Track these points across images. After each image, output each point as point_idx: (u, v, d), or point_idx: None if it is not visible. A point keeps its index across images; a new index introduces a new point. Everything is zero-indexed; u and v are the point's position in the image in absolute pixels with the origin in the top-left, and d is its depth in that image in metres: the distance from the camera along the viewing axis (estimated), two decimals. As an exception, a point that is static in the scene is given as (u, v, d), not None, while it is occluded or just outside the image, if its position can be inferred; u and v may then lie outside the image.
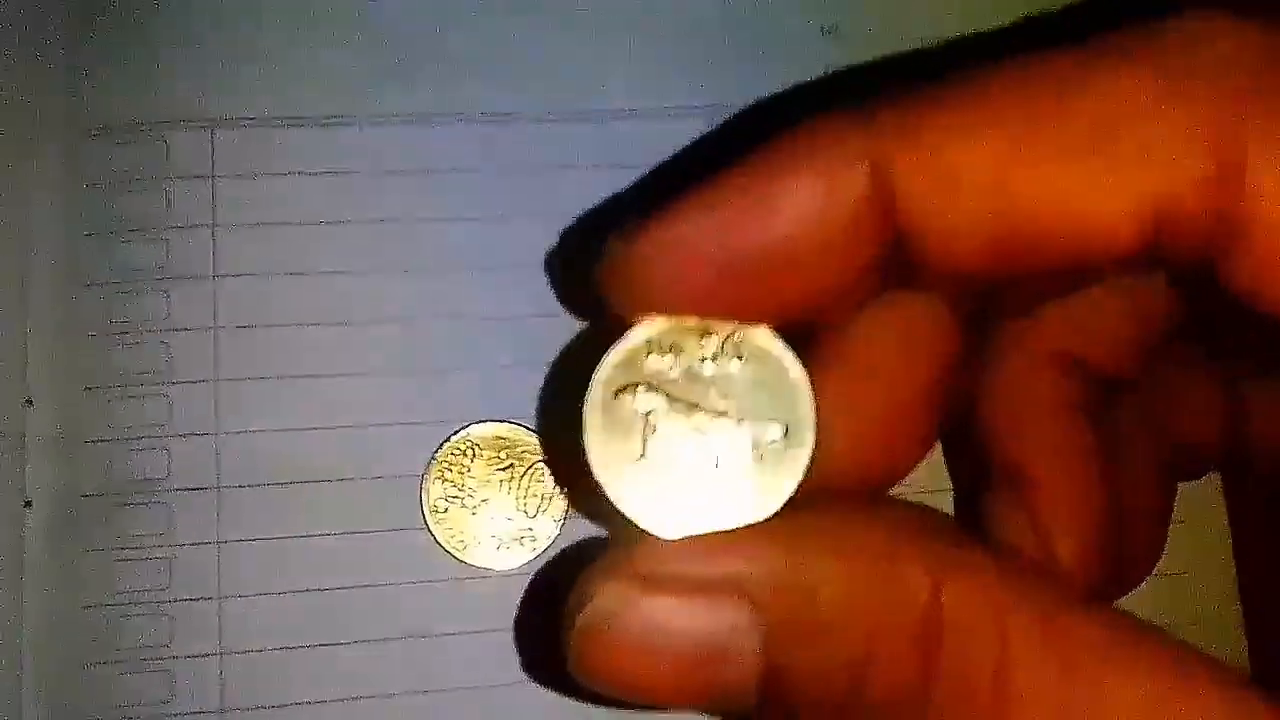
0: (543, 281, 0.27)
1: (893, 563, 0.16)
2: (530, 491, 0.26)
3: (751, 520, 0.17)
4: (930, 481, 0.25)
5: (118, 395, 0.25)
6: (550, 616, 0.25)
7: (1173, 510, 0.23)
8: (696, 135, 0.28)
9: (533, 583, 0.26)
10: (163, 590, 0.25)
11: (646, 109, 0.28)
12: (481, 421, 0.26)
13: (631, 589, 0.16)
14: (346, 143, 0.27)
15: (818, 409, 0.17)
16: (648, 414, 0.17)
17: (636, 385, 0.17)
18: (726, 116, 0.28)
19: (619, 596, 0.16)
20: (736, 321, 0.17)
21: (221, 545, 0.25)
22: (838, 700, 0.16)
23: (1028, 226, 0.16)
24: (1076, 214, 0.16)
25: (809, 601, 0.16)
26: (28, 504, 0.25)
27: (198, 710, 0.24)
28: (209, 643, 0.25)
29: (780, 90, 0.28)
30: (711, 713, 0.17)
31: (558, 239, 0.27)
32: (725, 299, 0.17)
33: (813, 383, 0.17)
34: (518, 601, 0.26)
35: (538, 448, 0.26)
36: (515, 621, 0.25)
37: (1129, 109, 0.15)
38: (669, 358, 0.17)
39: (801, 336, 0.18)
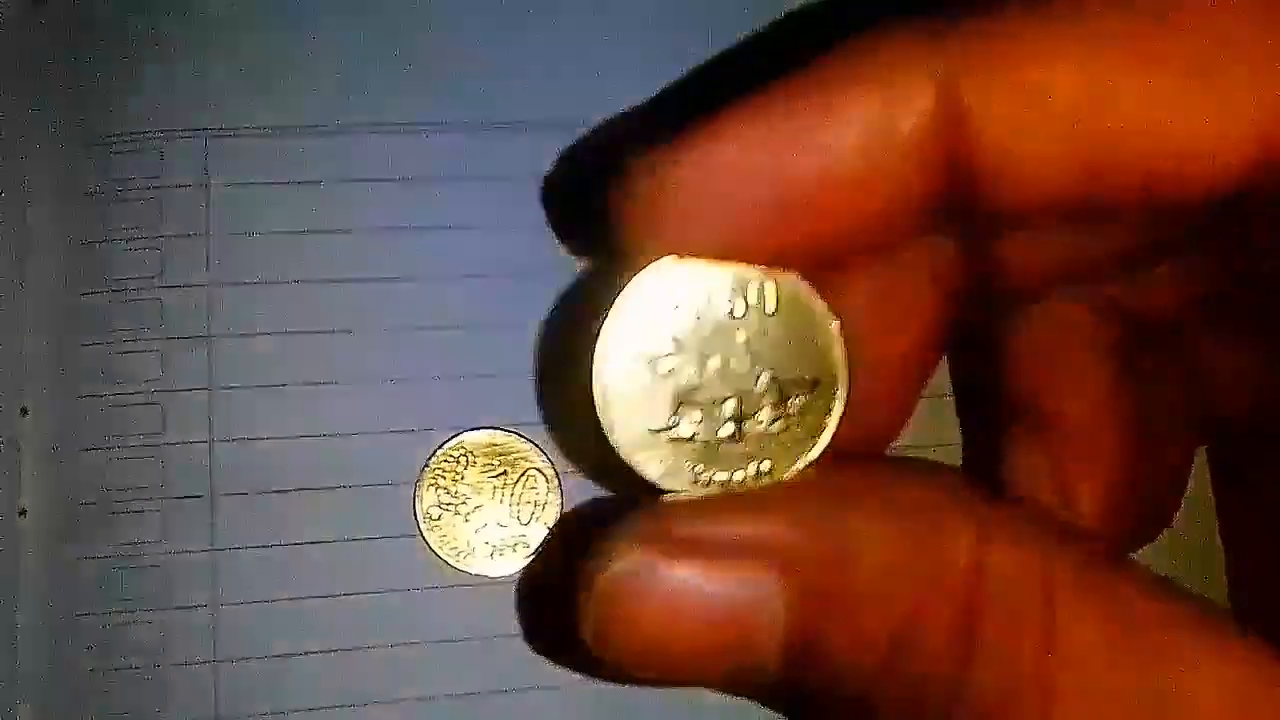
0: (536, 289, 0.27)
1: (935, 525, 0.15)
2: (523, 498, 0.26)
3: (780, 479, 0.16)
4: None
5: (113, 403, 0.25)
6: (544, 623, 0.25)
7: (1190, 473, 0.22)
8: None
9: (526, 590, 0.26)
10: (157, 598, 0.25)
11: (638, 116, 0.28)
12: (474, 429, 0.26)
13: (653, 553, 0.15)
14: (341, 152, 0.27)
15: (850, 364, 0.16)
16: (668, 371, 0.16)
17: (651, 339, 0.16)
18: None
19: (641, 561, 0.15)
20: (765, 265, 0.15)
21: (216, 553, 0.25)
22: (869, 674, 0.15)
23: (1124, 153, 0.14)
24: (1181, 137, 0.14)
25: (845, 568, 0.15)
26: (22, 512, 0.25)
27: (192, 718, 0.24)
28: (203, 651, 0.25)
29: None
30: (729, 690, 0.16)
31: (555, 246, 0.27)
32: (763, 234, 0.15)
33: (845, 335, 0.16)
34: (511, 608, 0.26)
35: (530, 454, 0.26)
36: (509, 628, 0.26)
37: (1243, 25, 0.14)
38: (692, 302, 0.16)
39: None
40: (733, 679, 0.16)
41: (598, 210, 0.16)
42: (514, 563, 0.26)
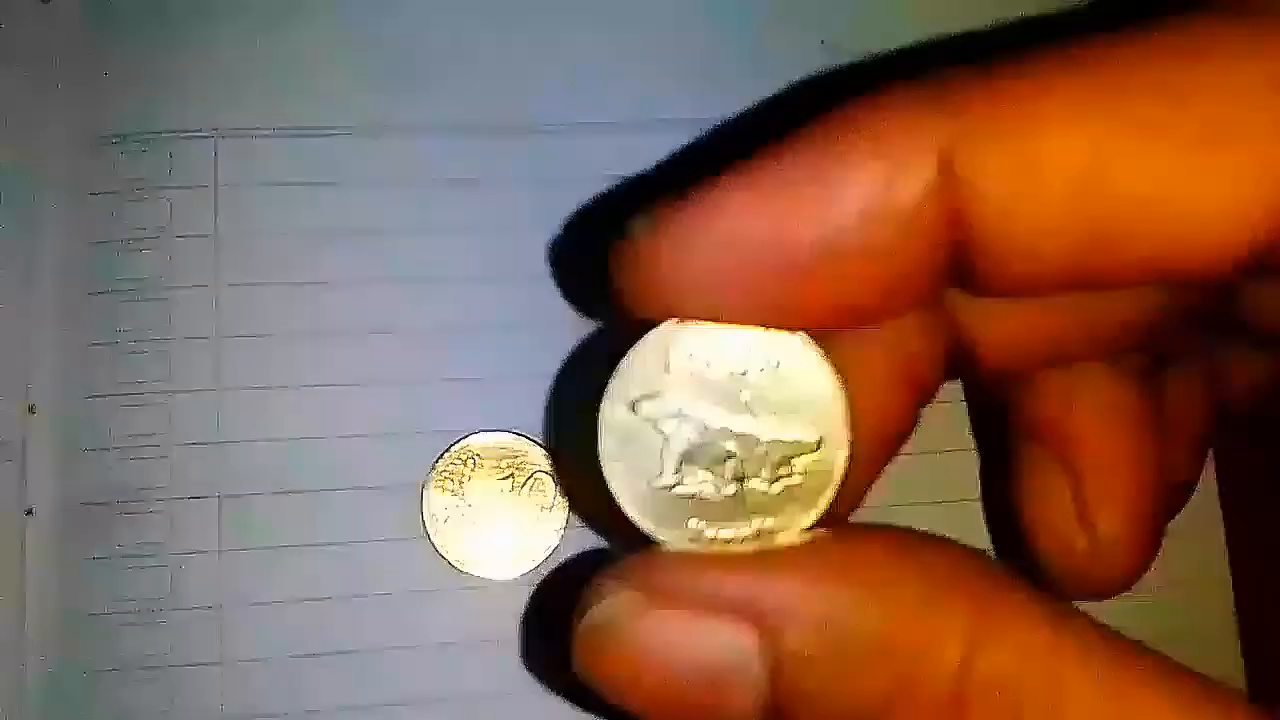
0: (543, 292, 0.27)
1: (929, 609, 0.14)
2: (531, 502, 0.26)
3: (776, 541, 0.16)
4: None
5: (120, 404, 0.25)
6: (550, 627, 0.25)
7: (1198, 482, 0.22)
8: (696, 147, 0.28)
9: (533, 593, 0.26)
10: (164, 599, 0.25)
11: (645, 121, 0.28)
12: (482, 432, 0.26)
13: (639, 597, 0.15)
14: (349, 154, 0.27)
15: (851, 427, 0.16)
16: (668, 428, 0.16)
17: (655, 397, 0.16)
18: (722, 126, 0.28)
19: (625, 602, 0.15)
20: (767, 326, 0.15)
21: (222, 554, 0.25)
22: None
23: (1127, 226, 0.14)
24: (1189, 208, 0.14)
25: (830, 642, 0.14)
26: (29, 512, 0.25)
27: (199, 719, 0.24)
28: (209, 651, 0.25)
29: (776, 97, 0.28)
30: None
31: (559, 249, 0.27)
32: (759, 301, 0.15)
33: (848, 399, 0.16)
34: (518, 612, 0.26)
35: (538, 458, 0.26)
36: (515, 632, 0.26)
37: (1251, 92, 0.13)
38: (693, 361, 0.16)
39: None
40: None
41: (606, 272, 0.16)
42: (520, 566, 0.26)
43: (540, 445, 0.26)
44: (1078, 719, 0.13)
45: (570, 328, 0.26)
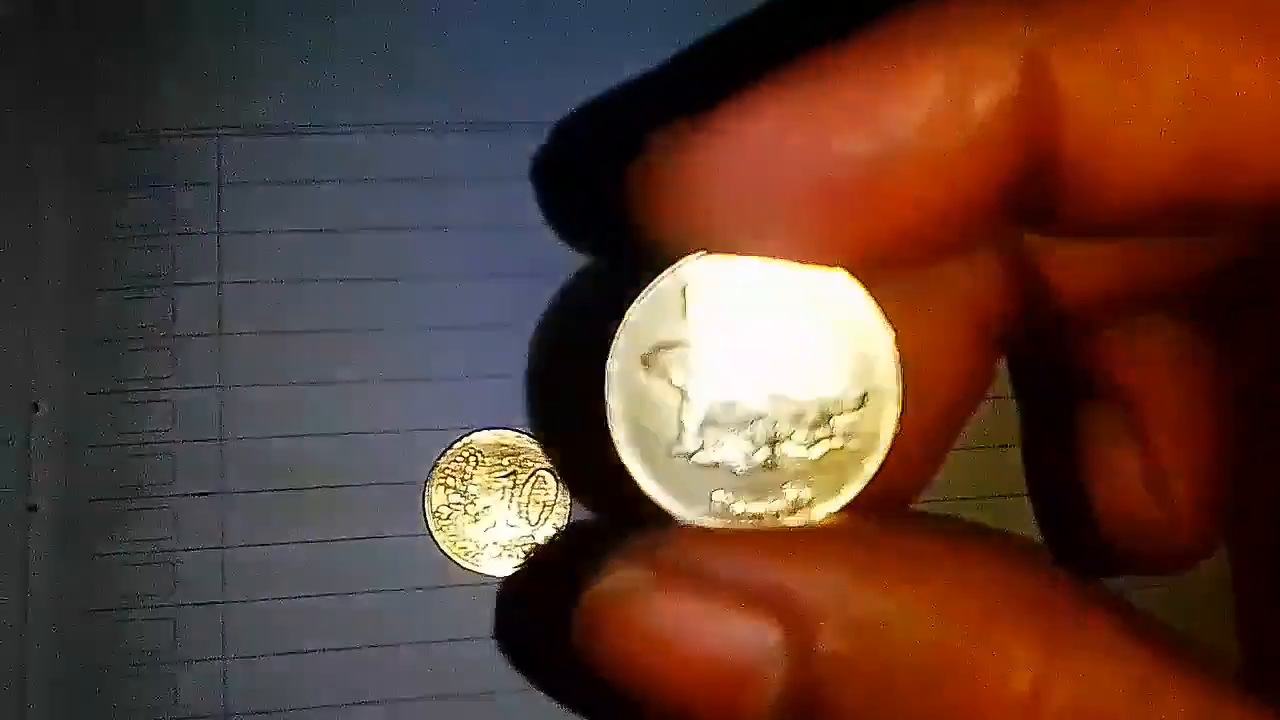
0: (546, 289, 0.27)
1: (995, 624, 0.12)
2: (532, 499, 0.26)
3: (810, 519, 0.14)
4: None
5: (123, 400, 0.25)
6: (552, 624, 0.25)
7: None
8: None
9: (535, 590, 0.26)
10: (167, 595, 0.25)
11: (646, 120, 0.28)
12: (483, 429, 0.26)
13: (650, 577, 0.13)
14: (351, 151, 0.27)
15: (904, 380, 0.13)
16: (688, 385, 0.14)
17: (673, 347, 0.14)
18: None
19: (636, 582, 0.13)
20: (805, 261, 0.13)
21: (225, 550, 0.25)
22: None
23: (1249, 149, 0.12)
24: None
25: (873, 646, 0.12)
26: (33, 508, 0.25)
27: (201, 715, 0.25)
28: (213, 647, 0.25)
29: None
30: None
31: (562, 246, 0.27)
32: (801, 227, 0.13)
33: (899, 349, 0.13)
34: (520, 609, 0.26)
35: (540, 455, 0.26)
36: (517, 629, 0.26)
37: None
38: (718, 303, 0.13)
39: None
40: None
41: (615, 199, 0.14)
42: (522, 563, 0.26)
43: (541, 442, 0.26)
44: None
45: (573, 324, 0.26)
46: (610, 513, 0.26)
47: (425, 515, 0.26)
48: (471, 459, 0.26)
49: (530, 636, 0.26)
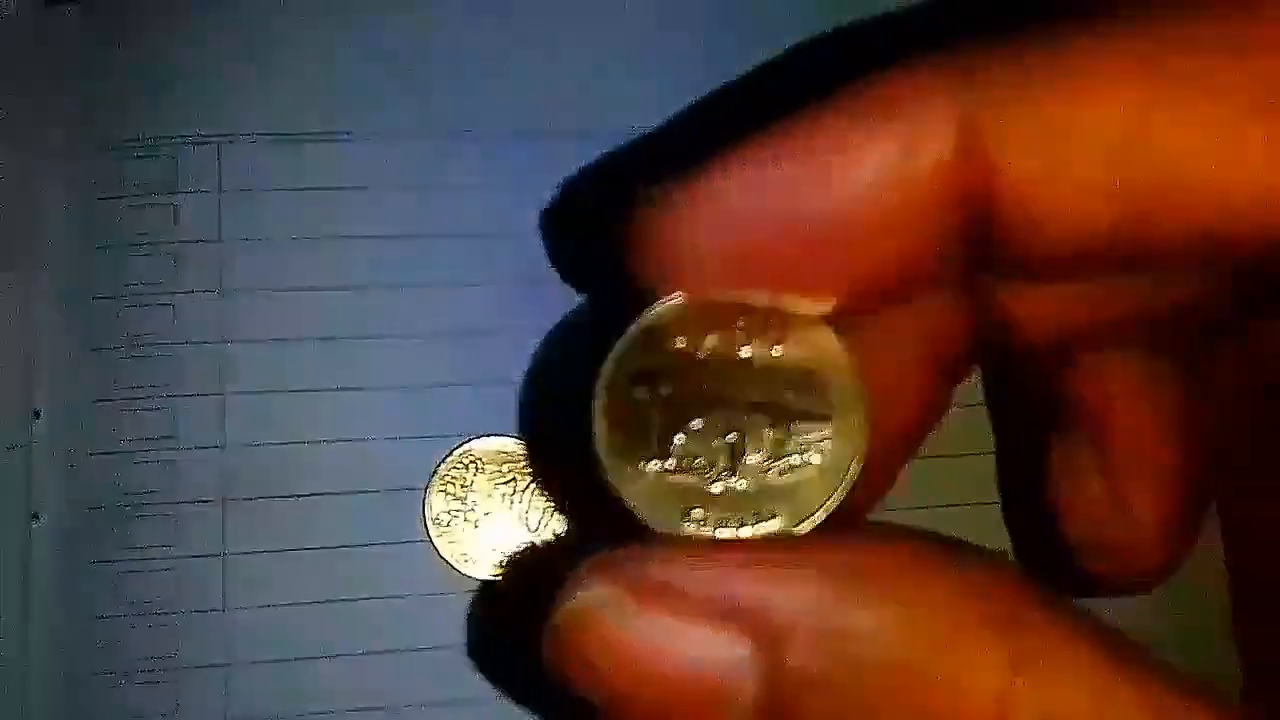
0: (545, 296, 0.27)
1: (961, 633, 0.12)
2: (532, 505, 0.26)
3: (779, 534, 0.14)
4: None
5: (125, 408, 0.26)
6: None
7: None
8: (694, 147, 0.28)
9: (535, 597, 0.26)
10: (168, 602, 0.25)
11: (646, 126, 0.28)
12: (483, 436, 0.26)
13: (623, 592, 0.14)
14: (352, 158, 0.27)
15: (868, 409, 0.14)
16: (667, 404, 0.15)
17: (655, 372, 0.15)
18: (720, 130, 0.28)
19: (607, 598, 0.14)
20: (779, 301, 0.14)
21: (227, 557, 0.25)
22: None
23: (1169, 201, 0.13)
24: (1242, 182, 0.12)
25: (842, 659, 0.13)
26: (35, 516, 0.25)
27: (203, 722, 0.25)
28: (215, 654, 0.25)
29: (775, 101, 0.28)
30: None
31: (562, 253, 0.27)
32: (775, 273, 0.14)
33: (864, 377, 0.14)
34: (519, 616, 0.26)
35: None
36: (516, 636, 0.26)
37: None
38: (695, 340, 0.15)
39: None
40: None
41: (609, 242, 0.15)
42: (522, 570, 0.26)
43: (533, 444, 0.26)
44: None
45: (573, 332, 0.27)
46: (601, 521, 0.26)
47: (425, 522, 0.26)
48: (471, 466, 0.26)
49: (528, 644, 0.26)
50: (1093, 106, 0.13)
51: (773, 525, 0.14)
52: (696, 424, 0.15)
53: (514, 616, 0.26)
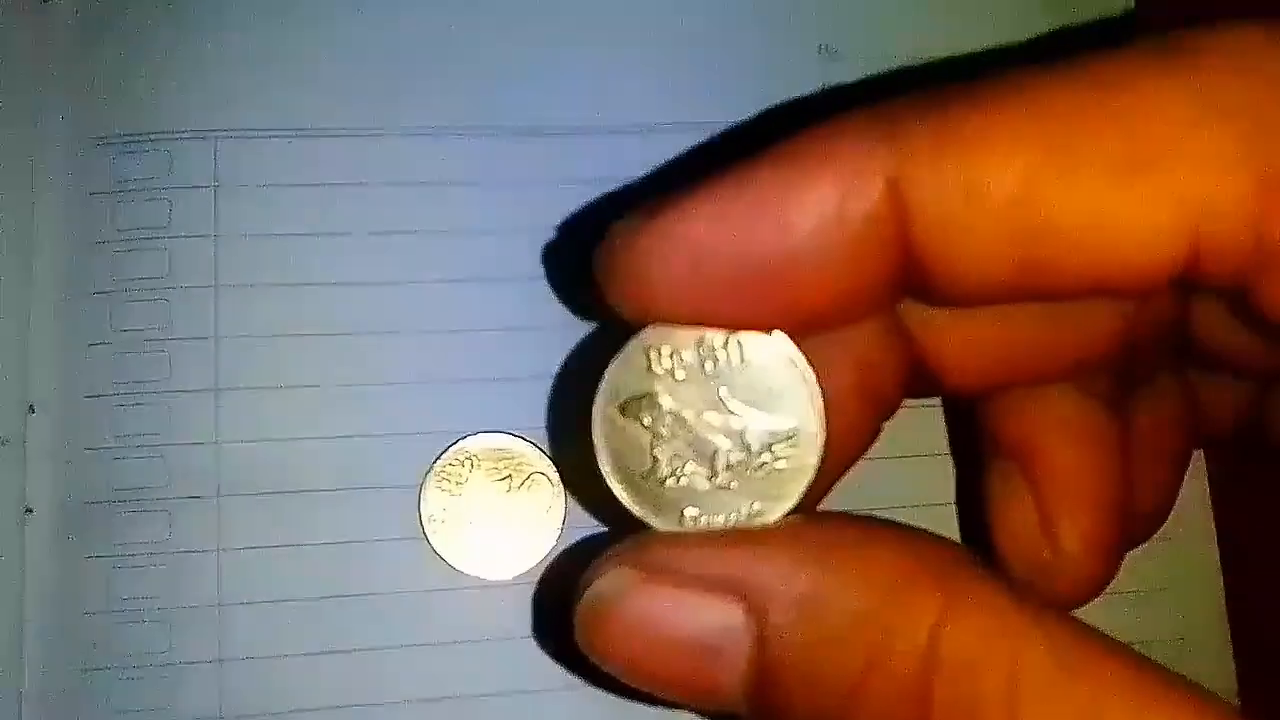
0: (541, 294, 0.27)
1: (901, 590, 0.15)
2: (528, 503, 0.26)
3: (758, 523, 0.17)
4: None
5: (119, 403, 0.25)
6: (548, 627, 0.25)
7: (1181, 483, 0.23)
8: (694, 151, 0.28)
9: (529, 594, 0.26)
10: (162, 598, 0.25)
11: (645, 124, 0.28)
12: (479, 433, 0.26)
13: (634, 575, 0.16)
14: (348, 155, 0.27)
15: (827, 410, 0.17)
16: (654, 423, 0.17)
17: (642, 397, 0.17)
18: (720, 131, 0.28)
19: (621, 581, 0.16)
20: (737, 328, 0.17)
21: (221, 553, 0.25)
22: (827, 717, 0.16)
23: (1058, 246, 0.15)
24: (1111, 231, 0.15)
25: (813, 614, 0.15)
26: (29, 511, 0.25)
27: (197, 718, 0.25)
28: (208, 650, 0.25)
29: (775, 107, 0.28)
30: (706, 712, 0.18)
31: (556, 252, 0.27)
32: (727, 303, 0.16)
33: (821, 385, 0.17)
34: (515, 613, 0.26)
35: (535, 459, 0.26)
36: (512, 633, 0.26)
37: (1171, 123, 0.15)
38: (674, 360, 0.17)
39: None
40: (703, 703, 0.17)
41: (591, 270, 0.17)
42: (517, 567, 0.26)
43: (537, 446, 0.26)
44: (1031, 700, 0.14)
45: (567, 329, 0.27)
46: (602, 516, 0.26)
47: (421, 519, 0.26)
48: (467, 463, 0.26)
49: (524, 641, 0.26)
50: (993, 169, 0.15)
51: (753, 517, 0.17)
52: (681, 440, 0.17)
53: (509, 614, 0.26)
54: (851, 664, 0.15)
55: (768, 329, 0.17)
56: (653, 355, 0.17)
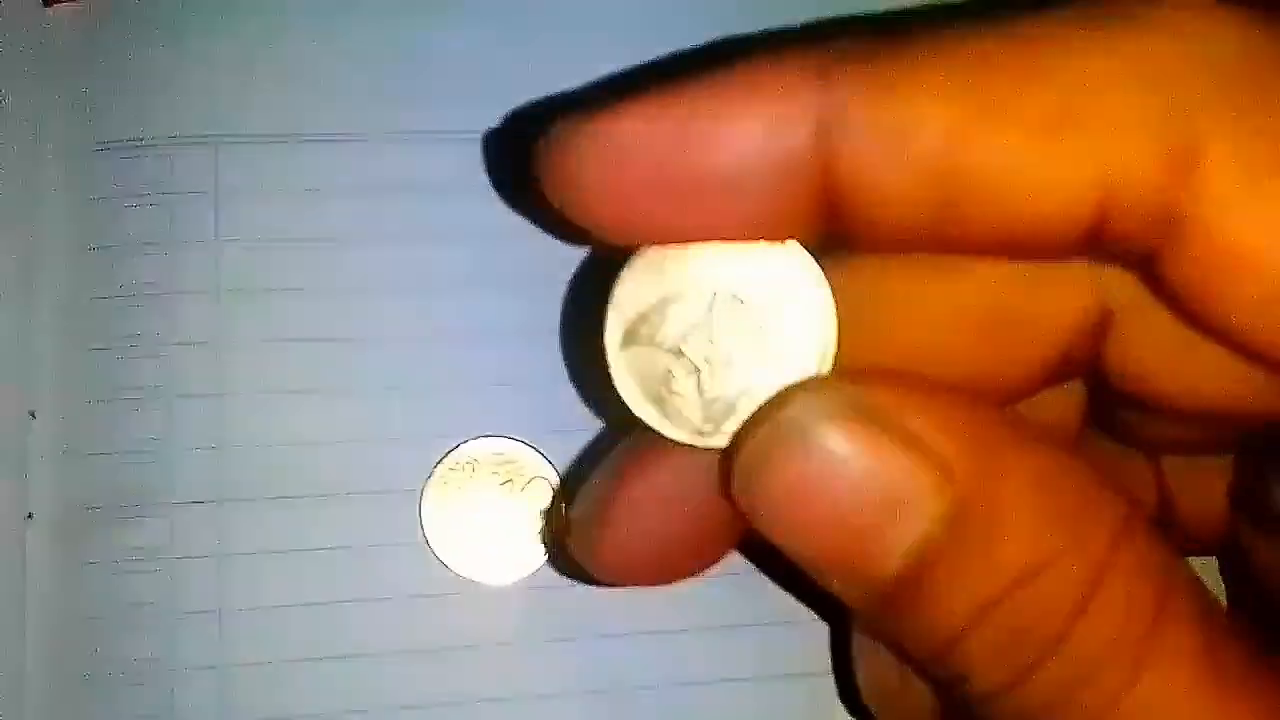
0: (544, 298, 0.27)
1: (1086, 492, 0.16)
2: (528, 507, 0.26)
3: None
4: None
5: (120, 408, 0.26)
6: (548, 632, 0.26)
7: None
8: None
9: (531, 599, 0.26)
10: (163, 603, 0.25)
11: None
12: (480, 437, 0.26)
13: (823, 413, 0.16)
14: (350, 160, 0.27)
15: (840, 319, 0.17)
16: (660, 339, 0.17)
17: (649, 315, 0.17)
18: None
19: (810, 415, 0.16)
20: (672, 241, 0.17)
21: (222, 558, 0.25)
22: (971, 612, 0.15)
23: (975, 197, 0.15)
24: (1026, 185, 0.15)
25: (994, 497, 0.15)
26: (30, 516, 0.25)
27: (198, 723, 0.25)
28: (209, 655, 0.25)
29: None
30: (829, 584, 0.17)
31: (557, 256, 0.27)
32: (651, 210, 0.16)
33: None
34: (516, 617, 0.26)
35: (536, 464, 0.26)
36: (513, 637, 0.26)
37: (1096, 87, 0.15)
38: (673, 281, 0.17)
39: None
40: (849, 571, 0.16)
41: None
42: (518, 571, 0.26)
43: (538, 451, 0.26)
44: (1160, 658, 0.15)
45: (568, 334, 0.27)
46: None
47: (421, 523, 0.26)
48: (468, 467, 0.26)
49: (525, 645, 0.26)
50: (919, 118, 0.15)
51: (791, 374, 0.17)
52: (691, 352, 0.17)
53: (511, 618, 0.26)
54: (1016, 556, 0.15)
55: (690, 242, 0.17)
56: (664, 272, 0.17)
